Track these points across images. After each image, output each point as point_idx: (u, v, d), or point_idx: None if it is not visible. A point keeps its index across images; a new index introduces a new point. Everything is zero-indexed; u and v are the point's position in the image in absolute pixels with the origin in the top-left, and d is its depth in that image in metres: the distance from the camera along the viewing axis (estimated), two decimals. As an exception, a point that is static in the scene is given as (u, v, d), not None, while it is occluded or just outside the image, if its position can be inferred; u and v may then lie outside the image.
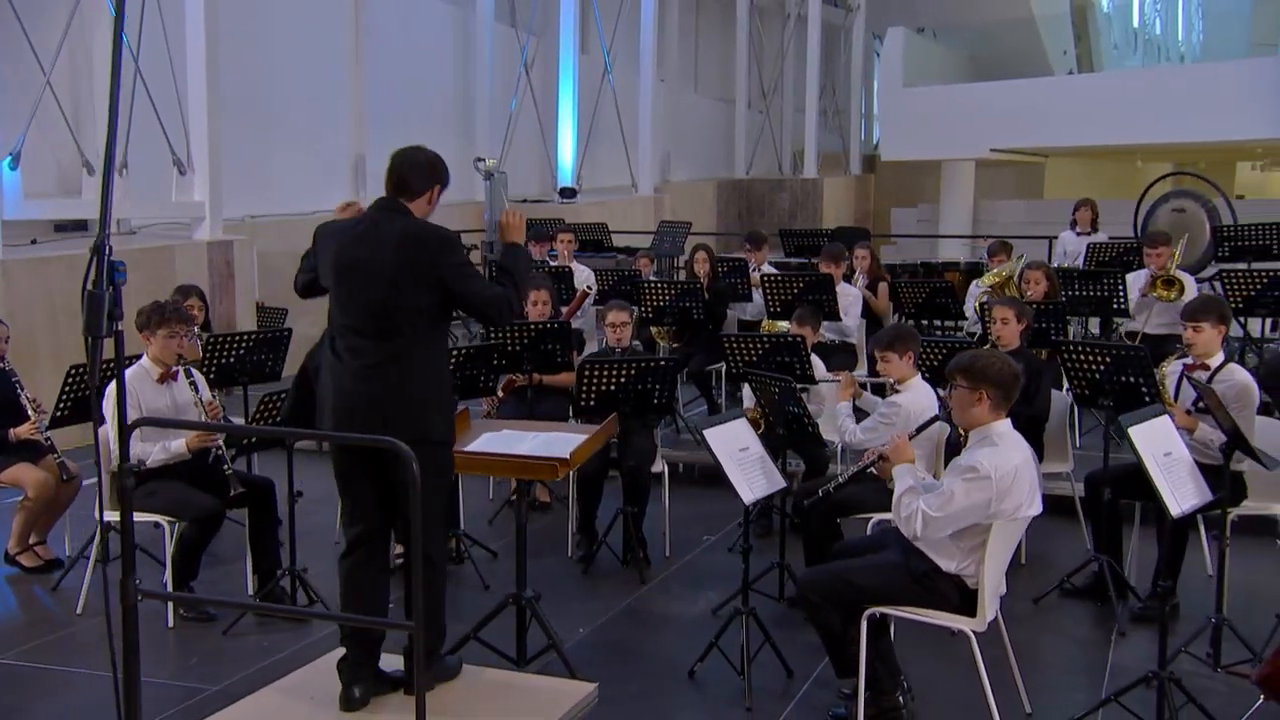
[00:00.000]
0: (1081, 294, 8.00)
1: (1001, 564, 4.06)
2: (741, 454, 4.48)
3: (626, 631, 5.21)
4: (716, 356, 7.94)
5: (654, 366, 5.87)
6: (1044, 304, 7.33)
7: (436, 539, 4.05)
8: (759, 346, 6.46)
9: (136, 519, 5.10)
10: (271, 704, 3.90)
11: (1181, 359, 5.36)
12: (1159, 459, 3.94)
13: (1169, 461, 3.98)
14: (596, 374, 5.77)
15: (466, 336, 10.56)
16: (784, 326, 7.18)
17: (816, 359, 6.47)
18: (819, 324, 6.98)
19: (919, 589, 4.03)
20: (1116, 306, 7.93)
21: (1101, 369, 5.36)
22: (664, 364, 5.92)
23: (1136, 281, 7.93)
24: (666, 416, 7.15)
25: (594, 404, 5.77)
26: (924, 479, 4.31)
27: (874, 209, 24.85)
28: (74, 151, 9.82)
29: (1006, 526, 3.98)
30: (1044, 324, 7.09)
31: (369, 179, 13.44)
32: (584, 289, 8.17)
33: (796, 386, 5.48)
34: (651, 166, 18.17)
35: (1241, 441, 4.49)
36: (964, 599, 4.02)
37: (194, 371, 5.40)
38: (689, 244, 11.69)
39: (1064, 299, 7.70)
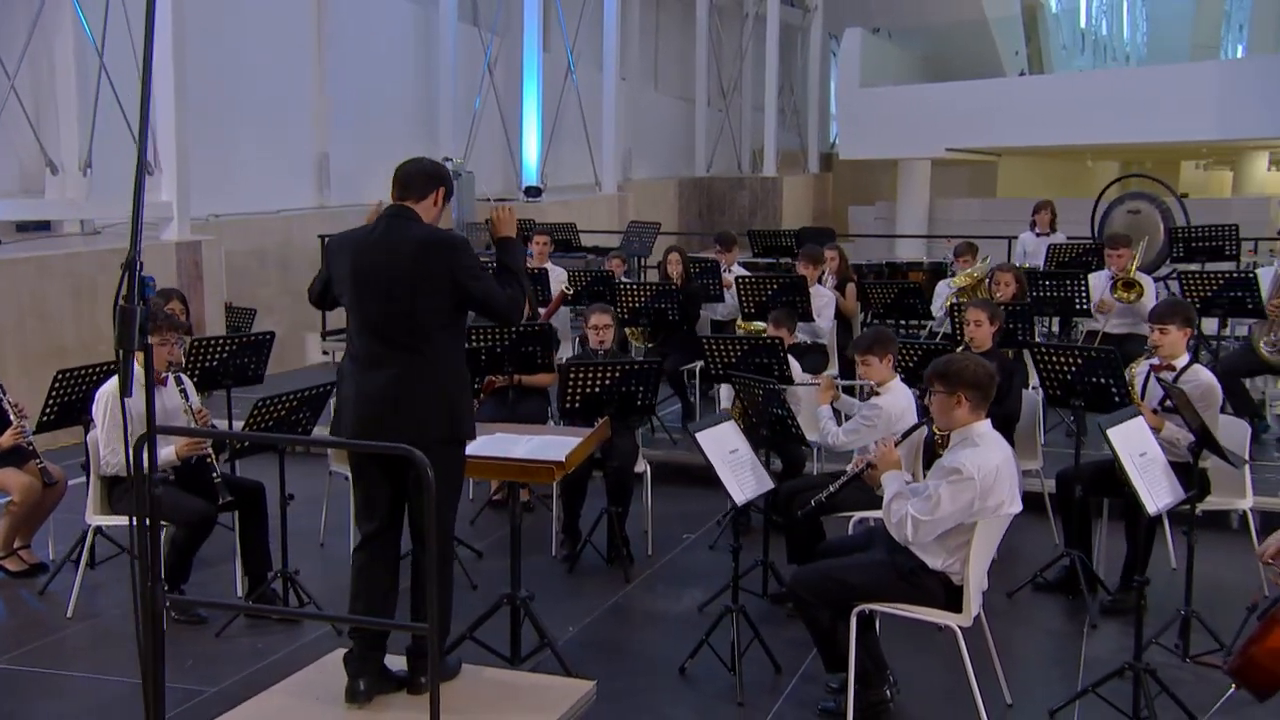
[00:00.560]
0: (1046, 295, 8.21)
1: (985, 560, 4.22)
2: (732, 455, 4.58)
3: (614, 629, 5.31)
4: (691, 356, 8.04)
5: (637, 369, 5.97)
6: (1012, 305, 7.51)
7: (448, 538, 4.14)
8: (738, 348, 6.58)
9: (124, 524, 5.12)
10: (277, 704, 3.95)
11: (1149, 359, 5.54)
12: (1135, 459, 4.11)
13: (1144, 461, 4.16)
14: (581, 376, 5.86)
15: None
16: (760, 327, 7.29)
17: (793, 360, 6.61)
18: (794, 326, 7.11)
19: (907, 586, 4.17)
20: (1079, 307, 8.14)
21: (1073, 370, 5.54)
22: (648, 367, 6.02)
23: (1098, 282, 8.14)
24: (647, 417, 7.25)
25: (579, 406, 5.86)
26: (908, 482, 4.45)
27: (832, 207, 25.12)
28: (37, 152, 9.74)
29: (990, 524, 4.14)
30: (1012, 325, 7.27)
31: (332, 178, 13.42)
32: (563, 289, 8.24)
33: (780, 389, 5.60)
34: (614, 165, 18.26)
35: (1210, 440, 4.68)
36: (949, 595, 4.17)
37: (184, 378, 5.41)
38: (658, 244, 11.78)
39: (1030, 300, 7.89)
